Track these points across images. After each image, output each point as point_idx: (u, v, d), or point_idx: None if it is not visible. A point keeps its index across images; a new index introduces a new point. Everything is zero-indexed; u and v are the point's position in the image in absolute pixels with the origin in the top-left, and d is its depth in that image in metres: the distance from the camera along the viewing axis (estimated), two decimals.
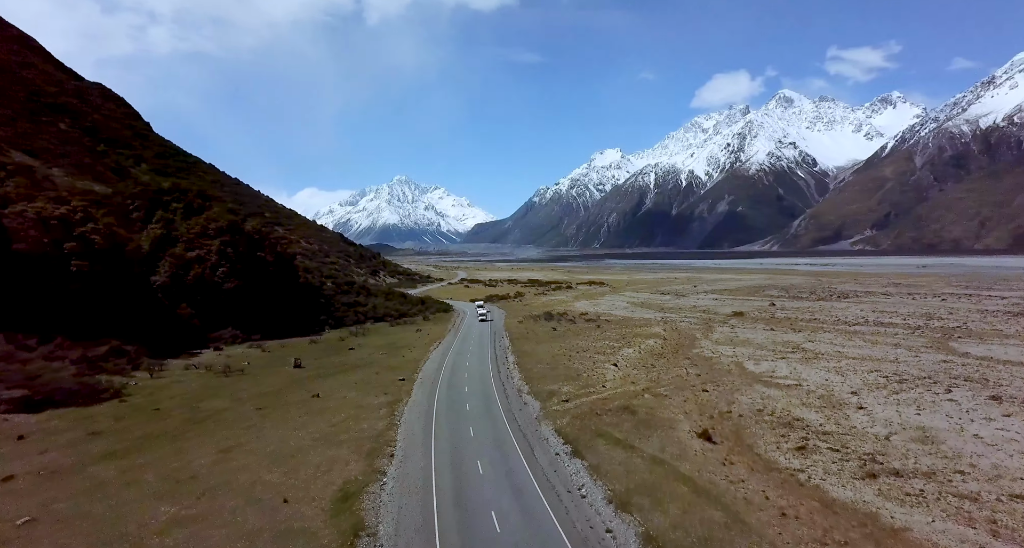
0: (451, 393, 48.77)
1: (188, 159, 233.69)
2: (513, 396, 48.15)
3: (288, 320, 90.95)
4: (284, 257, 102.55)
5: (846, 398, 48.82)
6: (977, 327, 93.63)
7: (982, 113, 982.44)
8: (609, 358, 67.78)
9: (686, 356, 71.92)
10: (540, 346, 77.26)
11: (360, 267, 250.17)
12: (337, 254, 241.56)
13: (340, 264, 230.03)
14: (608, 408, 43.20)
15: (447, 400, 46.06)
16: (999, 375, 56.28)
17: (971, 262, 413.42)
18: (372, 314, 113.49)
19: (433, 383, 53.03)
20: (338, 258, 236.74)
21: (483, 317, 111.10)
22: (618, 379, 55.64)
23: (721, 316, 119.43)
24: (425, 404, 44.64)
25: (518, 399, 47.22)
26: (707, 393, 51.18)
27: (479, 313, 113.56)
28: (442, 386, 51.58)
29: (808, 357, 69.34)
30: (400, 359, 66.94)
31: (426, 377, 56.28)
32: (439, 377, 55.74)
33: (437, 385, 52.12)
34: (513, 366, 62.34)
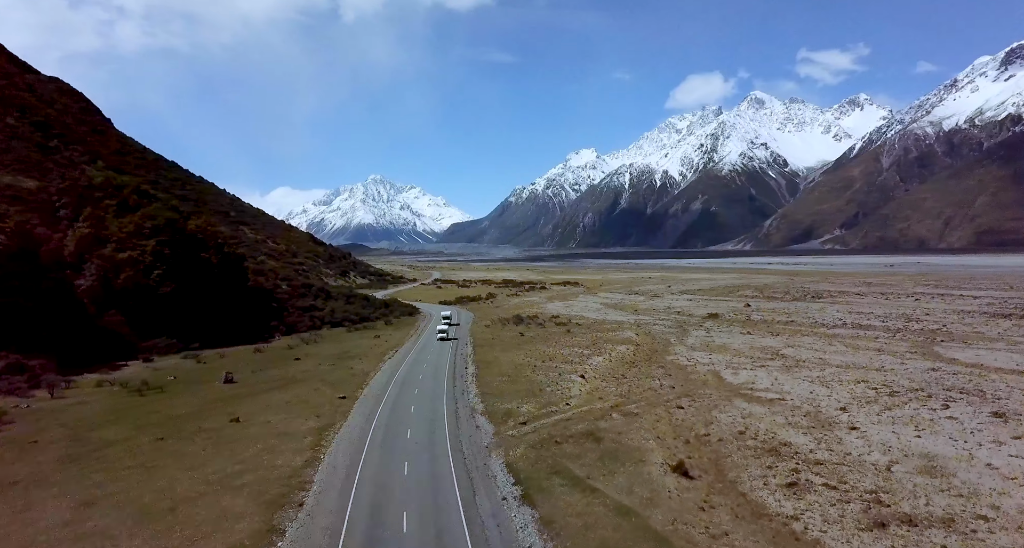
0: (394, 415, 42.53)
1: (149, 156, 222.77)
2: (465, 418, 42.13)
3: (233, 326, 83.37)
4: (232, 258, 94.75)
5: (835, 415, 43.98)
6: (958, 329, 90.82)
7: (945, 115, 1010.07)
8: (577, 368, 62.21)
9: (660, 364, 66.83)
10: (504, 354, 71.37)
11: (330, 268, 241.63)
12: (306, 254, 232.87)
13: (308, 265, 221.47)
14: (570, 433, 37.47)
15: (387, 425, 39.84)
16: (995, 386, 52.27)
17: (937, 261, 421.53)
18: (330, 319, 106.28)
19: (377, 402, 46.69)
20: (307, 258, 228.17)
21: (443, 334, 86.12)
22: (585, 394, 50.03)
23: (696, 318, 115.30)
24: (360, 430, 38.33)
25: (470, 421, 41.23)
26: (682, 410, 45.89)
27: (440, 330, 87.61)
28: (386, 406, 45.30)
29: (789, 365, 64.83)
30: (347, 372, 60.38)
31: (371, 394, 49.87)
32: (385, 394, 49.41)
33: (381, 404, 45.81)
34: (471, 379, 56.32)
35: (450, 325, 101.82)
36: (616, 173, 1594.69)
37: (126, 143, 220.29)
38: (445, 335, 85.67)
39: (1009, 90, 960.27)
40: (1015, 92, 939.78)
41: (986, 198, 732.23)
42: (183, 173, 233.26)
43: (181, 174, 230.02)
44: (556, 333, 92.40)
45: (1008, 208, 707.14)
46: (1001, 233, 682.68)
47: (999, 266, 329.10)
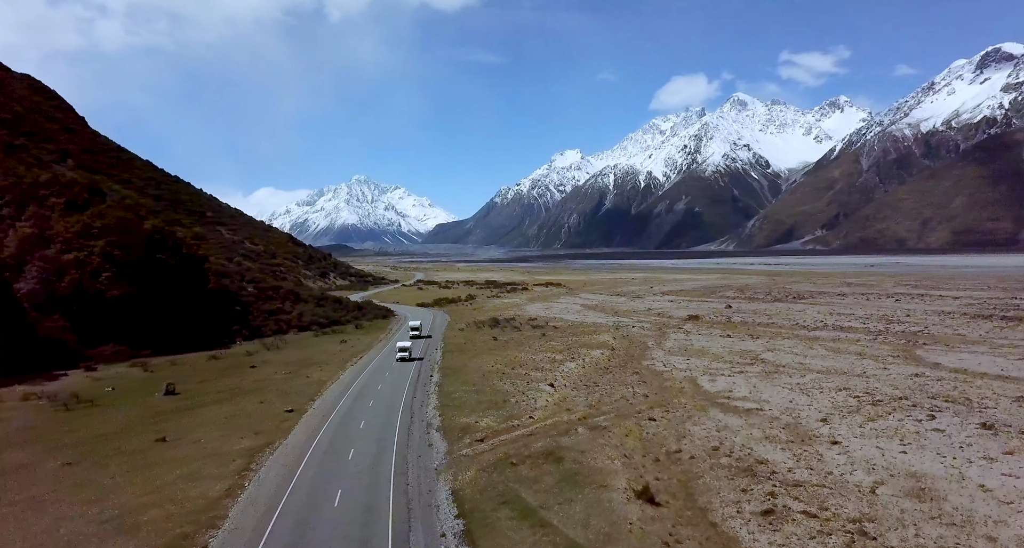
0: (340, 432, 38.88)
1: (123, 155, 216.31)
2: (418, 434, 38.62)
3: (190, 332, 78.88)
4: (191, 259, 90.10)
5: (816, 428, 41.22)
6: (939, 331, 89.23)
7: (923, 117, 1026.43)
8: (547, 375, 58.96)
9: (635, 370, 63.89)
10: (474, 360, 67.94)
11: (309, 269, 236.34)
12: (285, 256, 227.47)
13: (287, 266, 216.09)
14: (529, 452, 34.16)
15: (330, 443, 36.18)
16: (981, 393, 50.00)
17: (916, 261, 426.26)
18: (297, 322, 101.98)
19: (325, 416, 42.97)
20: (285, 259, 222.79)
21: (405, 354, 69.22)
22: (551, 405, 46.77)
23: (676, 320, 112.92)
24: (298, 451, 34.63)
25: (423, 438, 37.73)
26: (654, 423, 42.84)
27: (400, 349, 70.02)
28: (334, 421, 41.60)
29: (769, 371, 62.24)
30: (303, 381, 56.53)
31: (322, 406, 46.11)
32: (337, 407, 45.68)
33: (329, 419, 42.10)
34: (434, 389, 52.82)
35: (420, 336, 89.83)
36: (601, 174, 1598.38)
37: (98, 141, 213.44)
38: (407, 355, 67.91)
39: (984, 93, 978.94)
40: (990, 95, 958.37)
41: (963, 199, 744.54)
42: (158, 172, 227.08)
43: (156, 173, 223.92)
44: (531, 337, 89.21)
45: (984, 209, 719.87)
46: (977, 233, 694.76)
47: (977, 266, 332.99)
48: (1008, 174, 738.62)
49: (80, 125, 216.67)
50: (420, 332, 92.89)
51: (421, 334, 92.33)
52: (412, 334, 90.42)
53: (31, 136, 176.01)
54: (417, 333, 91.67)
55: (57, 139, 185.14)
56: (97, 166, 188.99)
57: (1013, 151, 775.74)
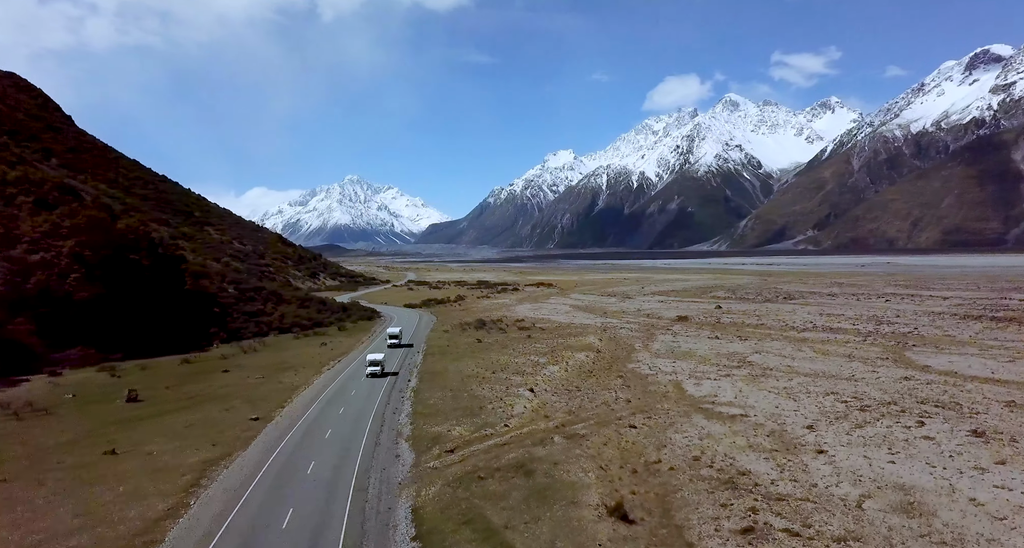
0: (304, 442, 36.90)
1: (109, 154, 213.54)
2: (386, 444, 36.69)
3: (164, 334, 76.50)
4: (167, 260, 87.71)
5: (801, 435, 39.64)
6: (929, 333, 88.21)
7: (913, 118, 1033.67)
8: (528, 380, 57.19)
9: (619, 373, 62.24)
10: (454, 364, 66.07)
11: (299, 269, 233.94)
12: (274, 256, 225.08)
13: (276, 266, 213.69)
14: (500, 465, 32.32)
15: (291, 455, 34.20)
16: (971, 397, 48.66)
17: (906, 261, 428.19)
18: (278, 324, 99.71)
19: (292, 425, 40.95)
20: (274, 260, 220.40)
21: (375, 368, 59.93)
22: (529, 412, 44.98)
23: (665, 321, 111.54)
24: (255, 464, 32.61)
25: (391, 449, 35.81)
26: (635, 430, 41.13)
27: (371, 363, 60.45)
28: (300, 430, 39.60)
29: (755, 374, 60.74)
30: (275, 386, 54.44)
31: (290, 413, 44.07)
32: (305, 415, 43.66)
33: (295, 428, 40.09)
34: (410, 395, 50.91)
35: (399, 345, 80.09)
36: (594, 174, 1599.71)
37: (84, 140, 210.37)
38: (379, 370, 58.15)
39: (973, 94, 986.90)
40: (979, 96, 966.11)
41: (952, 199, 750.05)
42: (145, 172, 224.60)
43: (143, 173, 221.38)
44: (516, 339, 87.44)
45: (973, 209, 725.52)
46: (967, 233, 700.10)
47: (966, 266, 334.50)
48: (996, 175, 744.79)
49: (65, 124, 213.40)
50: (400, 340, 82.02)
51: (401, 342, 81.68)
52: (391, 342, 79.75)
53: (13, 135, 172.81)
54: (396, 341, 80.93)
55: (40, 138, 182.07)
56: (82, 165, 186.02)
57: (1002, 152, 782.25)
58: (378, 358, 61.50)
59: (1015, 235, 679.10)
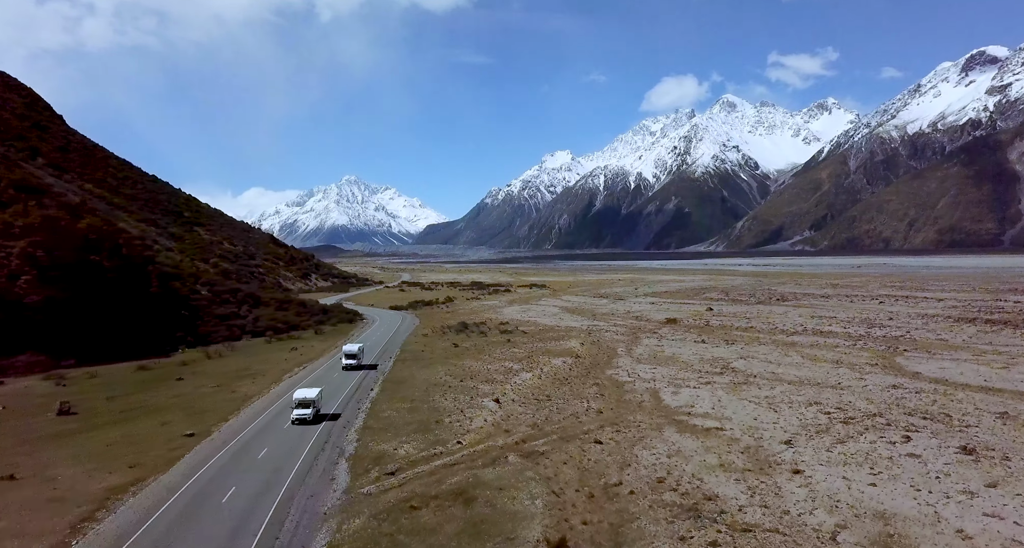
0: (233, 463, 33.61)
1: (98, 153, 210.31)
2: (323, 466, 33.58)
3: (125, 339, 73.20)
4: (133, 261, 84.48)
5: (778, 452, 36.74)
6: (921, 336, 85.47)
7: (909, 119, 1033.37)
8: (497, 388, 54.18)
9: (596, 380, 59.34)
10: (424, 371, 63.04)
11: (290, 270, 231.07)
12: (265, 256, 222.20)
13: (266, 267, 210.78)
14: (439, 491, 29.29)
15: (211, 480, 30.87)
16: (962, 408, 45.81)
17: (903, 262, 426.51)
18: (252, 328, 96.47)
19: (227, 441, 37.81)
20: (265, 261, 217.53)
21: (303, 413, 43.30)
22: (489, 426, 41.97)
23: (653, 324, 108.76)
24: (167, 491, 29.25)
25: (327, 471, 32.65)
26: (600, 446, 38.19)
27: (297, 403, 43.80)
28: (233, 448, 36.38)
29: (738, 381, 57.85)
30: (227, 396, 51.29)
31: (230, 429, 40.88)
32: (246, 429, 40.48)
33: (228, 445, 36.93)
34: (367, 406, 47.82)
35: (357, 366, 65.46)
36: (591, 175, 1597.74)
37: (73, 140, 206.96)
38: (305, 417, 42.33)
39: (969, 95, 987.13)
40: (975, 97, 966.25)
41: (948, 200, 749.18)
42: (134, 172, 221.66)
43: (131, 173, 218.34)
44: (496, 343, 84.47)
45: (969, 210, 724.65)
46: (962, 234, 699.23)
47: (961, 267, 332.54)
48: (992, 176, 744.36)
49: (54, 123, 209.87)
50: (359, 360, 66.31)
51: (361, 363, 66.49)
52: (347, 364, 64.78)
53: None
54: (354, 362, 65.24)
55: (27, 137, 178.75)
56: (68, 165, 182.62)
57: (997, 153, 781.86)
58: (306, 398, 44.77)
59: (1011, 236, 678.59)
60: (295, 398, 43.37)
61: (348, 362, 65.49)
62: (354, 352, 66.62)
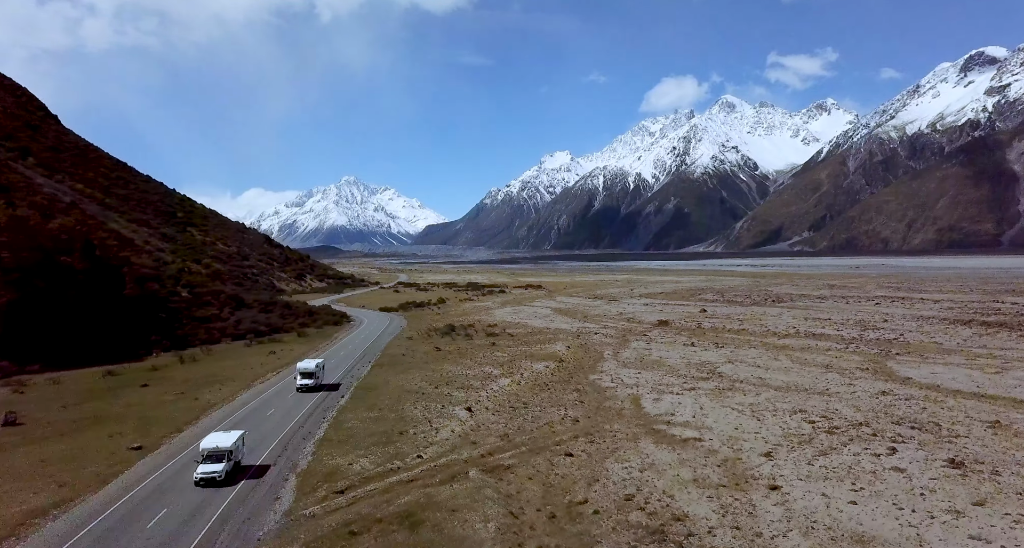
0: (173, 480, 31.06)
1: (90, 154, 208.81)
2: (271, 483, 31.51)
3: (95, 344, 71.25)
4: (108, 262, 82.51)
5: (757, 465, 34.80)
6: (915, 339, 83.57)
7: (908, 120, 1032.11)
8: (472, 396, 52.22)
9: (577, 386, 57.42)
10: (399, 377, 61.07)
11: (284, 271, 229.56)
12: (259, 257, 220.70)
13: (260, 268, 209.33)
14: (387, 512, 27.30)
15: (142, 501, 28.16)
16: (952, 417, 43.88)
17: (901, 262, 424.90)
18: (232, 331, 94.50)
19: (173, 456, 35.54)
20: (259, 261, 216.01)
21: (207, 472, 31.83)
22: (456, 437, 40.01)
23: (644, 326, 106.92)
24: (90, 515, 26.73)
25: (273, 489, 30.44)
26: (571, 459, 36.25)
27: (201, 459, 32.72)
28: (177, 464, 33.75)
29: (723, 387, 55.92)
30: (188, 404, 49.26)
31: (180, 442, 38.65)
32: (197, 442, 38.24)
33: (173, 461, 34.64)
34: (333, 415, 45.84)
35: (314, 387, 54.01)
36: (590, 175, 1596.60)
37: (65, 140, 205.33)
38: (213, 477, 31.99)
39: (968, 96, 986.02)
40: (974, 98, 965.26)
41: (947, 201, 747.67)
42: (127, 172, 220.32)
43: (124, 173, 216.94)
44: (480, 347, 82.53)
45: (967, 210, 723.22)
46: (961, 234, 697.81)
47: (960, 267, 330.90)
48: (991, 176, 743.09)
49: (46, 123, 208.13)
50: (318, 380, 54.73)
51: (320, 383, 55.40)
52: (301, 385, 53.48)
53: None
54: (311, 383, 53.64)
55: (17, 137, 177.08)
56: (60, 165, 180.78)
57: (996, 153, 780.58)
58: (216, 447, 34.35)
59: (1009, 236, 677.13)
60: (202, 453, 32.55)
61: (304, 383, 53.76)
62: (311, 369, 54.56)
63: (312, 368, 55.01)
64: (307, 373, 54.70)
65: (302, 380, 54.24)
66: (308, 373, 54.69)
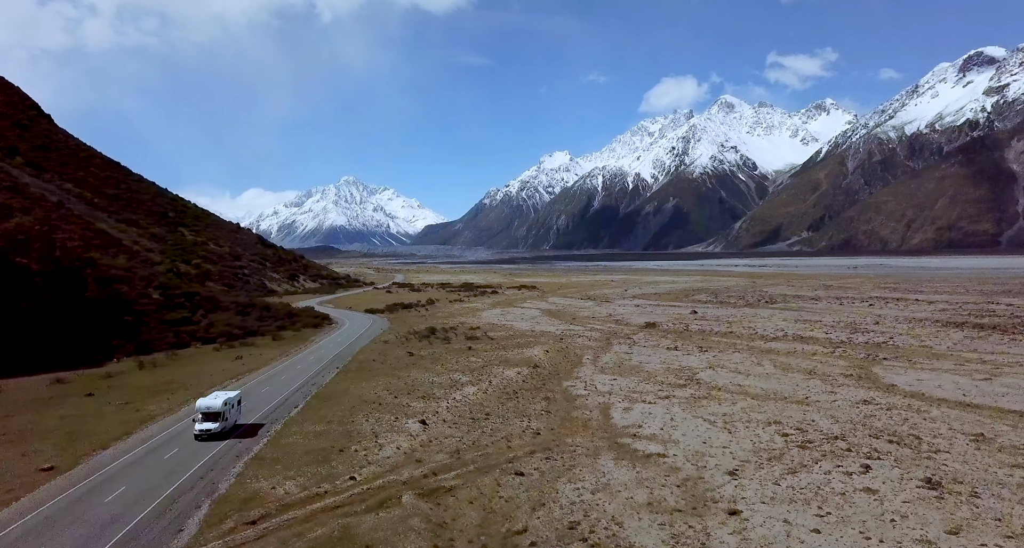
0: (68, 508, 27.28)
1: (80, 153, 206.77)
2: (181, 509, 28.40)
3: (51, 349, 68.61)
4: (71, 264, 79.85)
5: (719, 486, 32.10)
6: (904, 342, 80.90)
7: (907, 120, 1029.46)
8: (430, 406, 49.51)
9: (548, 394, 54.76)
10: (362, 384, 58.38)
11: (277, 271, 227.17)
12: (251, 258, 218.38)
13: (252, 268, 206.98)
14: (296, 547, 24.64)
15: (24, 533, 25.10)
16: (934, 429, 41.18)
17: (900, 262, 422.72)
18: (204, 334, 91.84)
19: (84, 478, 32.31)
20: (251, 262, 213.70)
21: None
22: (400, 453, 37.31)
23: (631, 328, 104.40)
24: None
25: (178, 519, 27.22)
26: (521, 479, 33.54)
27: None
28: (84, 488, 30.19)
29: (698, 396, 53.24)
30: (127, 416, 46.41)
31: (99, 461, 35.24)
32: (116, 462, 35.03)
33: (82, 483, 31.27)
34: (277, 428, 43.03)
35: (216, 433, 39.50)
36: (589, 175, 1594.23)
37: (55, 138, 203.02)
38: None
39: (967, 96, 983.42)
40: (972, 98, 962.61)
41: (945, 201, 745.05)
42: (119, 171, 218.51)
43: (115, 172, 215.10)
44: (456, 351, 79.84)
45: (966, 210, 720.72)
46: (960, 234, 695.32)
47: (958, 268, 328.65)
48: (990, 176, 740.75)
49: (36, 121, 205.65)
50: (225, 422, 40.01)
51: (228, 425, 40.58)
52: (201, 430, 38.90)
53: None
54: (214, 426, 39.11)
55: (5, 135, 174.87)
56: (48, 164, 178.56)
57: (995, 153, 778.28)
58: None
59: (1008, 236, 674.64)
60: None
61: (204, 427, 38.82)
62: (216, 409, 39.19)
63: (218, 406, 39.39)
64: (211, 413, 39.21)
65: (203, 424, 38.98)
66: (213, 413, 39.22)
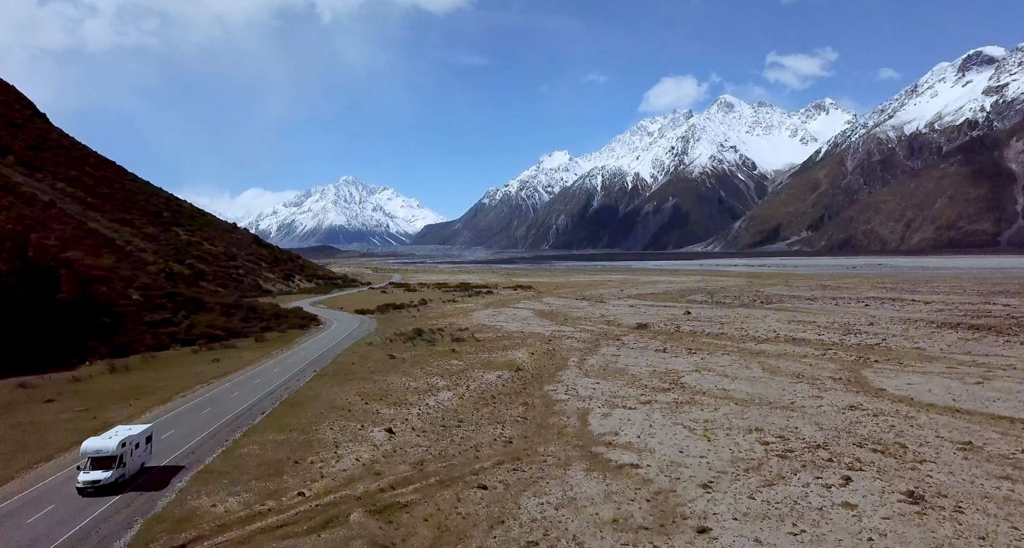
0: None
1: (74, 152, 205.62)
2: (110, 530, 26.41)
3: (18, 351, 66.78)
4: (37, 264, 77.96)
5: (691, 499, 30.30)
6: (897, 344, 79.12)
7: (907, 120, 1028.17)
8: (399, 413, 47.70)
9: (527, 399, 52.99)
10: (335, 389, 56.57)
11: (272, 271, 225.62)
12: (247, 258, 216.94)
13: (247, 268, 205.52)
14: None
15: None
16: (921, 436, 39.38)
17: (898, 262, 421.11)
18: (184, 335, 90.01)
19: (12, 494, 30.29)
20: (246, 261, 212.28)
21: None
22: (359, 465, 35.49)
23: (621, 329, 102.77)
24: None
25: (107, 542, 25.28)
26: (484, 492, 31.74)
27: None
28: (7, 508, 29.05)
29: (681, 401, 51.45)
30: (85, 424, 44.49)
31: (35, 475, 32.64)
32: (55, 476, 32.87)
33: (10, 501, 29.71)
34: (236, 437, 41.21)
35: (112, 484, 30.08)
36: (589, 175, 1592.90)
37: (49, 138, 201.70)
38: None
39: (966, 95, 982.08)
40: (972, 98, 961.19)
41: (945, 200, 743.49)
42: (114, 171, 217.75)
43: (110, 172, 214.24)
44: (438, 354, 78.05)
45: (966, 210, 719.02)
46: (959, 234, 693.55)
47: (957, 267, 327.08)
48: (989, 176, 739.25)
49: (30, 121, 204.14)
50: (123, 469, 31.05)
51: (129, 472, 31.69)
52: (85, 483, 29.66)
53: None
54: (105, 476, 29.90)
55: None
56: (41, 163, 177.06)
57: (994, 153, 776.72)
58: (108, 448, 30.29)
59: (1007, 236, 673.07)
60: None
61: (91, 478, 29.82)
62: (109, 452, 30.39)
63: (111, 449, 30.36)
64: (103, 458, 30.24)
65: (90, 473, 29.98)
66: (105, 458, 30.26)
